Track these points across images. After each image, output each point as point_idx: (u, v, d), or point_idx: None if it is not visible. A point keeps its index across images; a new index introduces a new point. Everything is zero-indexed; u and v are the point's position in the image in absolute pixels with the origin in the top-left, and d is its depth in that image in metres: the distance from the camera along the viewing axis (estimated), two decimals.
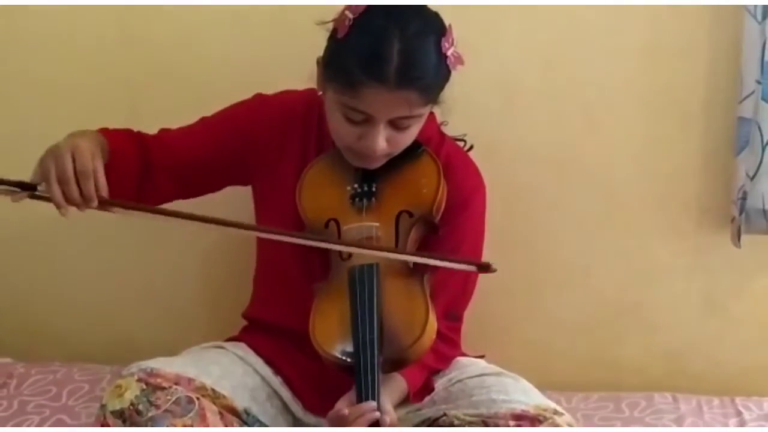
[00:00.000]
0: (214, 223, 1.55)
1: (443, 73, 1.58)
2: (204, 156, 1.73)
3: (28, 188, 1.48)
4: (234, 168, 1.76)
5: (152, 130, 1.84)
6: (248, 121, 1.75)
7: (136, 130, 1.75)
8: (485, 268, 1.56)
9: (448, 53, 1.56)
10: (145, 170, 1.70)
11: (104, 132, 1.65)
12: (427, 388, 1.68)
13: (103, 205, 1.49)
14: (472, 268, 1.59)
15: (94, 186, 1.47)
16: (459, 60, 1.58)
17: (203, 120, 1.78)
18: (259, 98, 1.78)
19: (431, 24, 1.57)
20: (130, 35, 2.00)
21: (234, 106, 1.78)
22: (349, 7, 1.56)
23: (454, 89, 1.63)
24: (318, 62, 1.62)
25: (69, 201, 1.47)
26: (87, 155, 1.47)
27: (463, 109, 1.73)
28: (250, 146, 1.74)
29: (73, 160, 1.46)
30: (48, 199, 1.48)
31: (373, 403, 1.47)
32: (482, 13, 1.91)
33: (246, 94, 1.79)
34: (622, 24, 1.92)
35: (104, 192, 1.49)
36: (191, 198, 1.79)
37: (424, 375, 1.67)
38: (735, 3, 1.86)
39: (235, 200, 1.84)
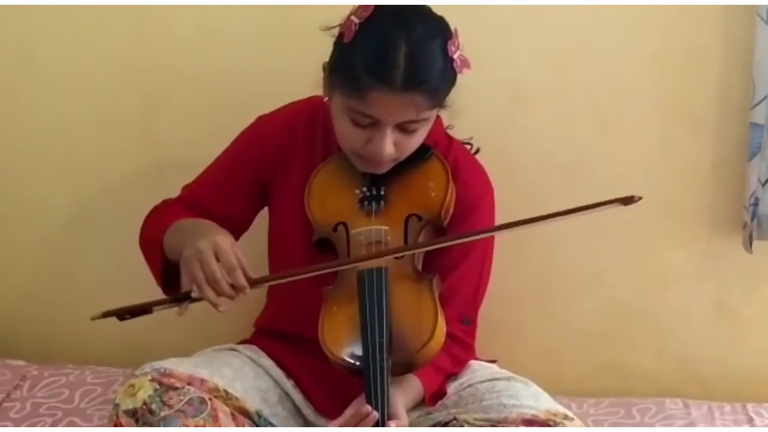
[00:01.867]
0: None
1: (449, 77, 1.58)
2: (231, 206, 1.75)
3: (184, 298, 1.52)
4: (256, 198, 1.78)
5: (164, 133, 1.85)
6: (254, 146, 1.77)
7: (174, 197, 1.78)
8: (629, 200, 1.47)
9: (455, 56, 1.57)
10: None
11: (176, 214, 1.68)
12: (441, 392, 1.68)
13: (254, 286, 1.52)
14: (617, 204, 1.48)
15: (242, 275, 1.49)
16: (465, 63, 1.58)
17: (218, 166, 1.78)
18: (259, 121, 1.79)
19: (437, 28, 1.58)
20: (145, 38, 2.01)
21: (239, 139, 1.79)
22: (354, 12, 1.57)
23: (466, 94, 1.63)
24: (324, 68, 1.63)
25: (222, 296, 1.49)
26: (228, 249, 1.50)
27: (474, 113, 1.73)
28: (260, 171, 1.75)
29: (217, 258, 1.49)
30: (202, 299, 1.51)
31: (368, 407, 1.47)
32: (494, 18, 1.91)
33: (258, 99, 1.81)
34: (634, 29, 1.92)
35: (251, 274, 1.52)
36: None
37: (440, 378, 1.68)
38: (748, 3, 1.85)
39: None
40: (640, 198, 1.46)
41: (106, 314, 1.54)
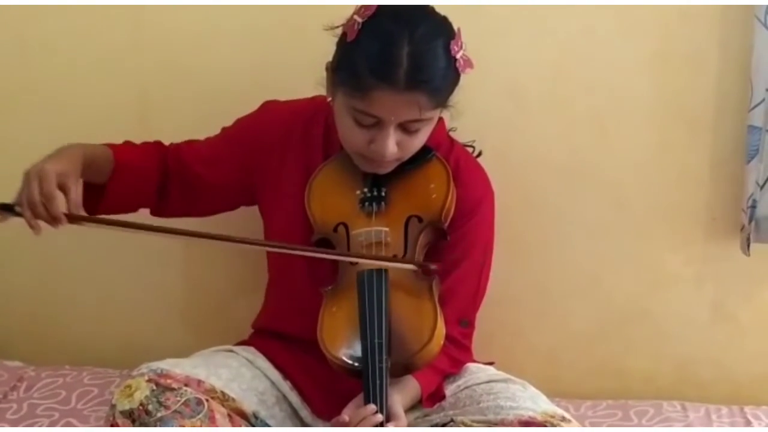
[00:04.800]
0: (190, 236, 1.60)
1: (453, 76, 1.58)
2: (217, 174, 1.75)
3: (7, 209, 1.52)
4: (244, 179, 1.77)
5: (162, 133, 1.84)
6: (255, 128, 1.77)
7: (167, 143, 1.79)
8: (426, 268, 1.56)
9: (458, 56, 1.57)
10: (163, 185, 1.73)
11: (119, 146, 1.69)
12: (439, 394, 1.68)
13: (73, 221, 1.51)
14: (412, 267, 1.58)
15: (59, 206, 1.48)
16: (468, 63, 1.59)
17: (216, 136, 1.80)
18: (266, 105, 1.80)
19: (440, 27, 1.58)
20: (143, 36, 2.01)
21: (245, 117, 1.80)
22: (357, 12, 1.57)
23: (465, 95, 1.63)
24: (327, 67, 1.63)
25: (38, 218, 1.49)
26: (51, 177, 1.49)
27: (473, 115, 1.73)
28: (257, 152, 1.75)
29: (40, 185, 1.49)
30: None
31: (373, 406, 1.47)
32: (492, 20, 1.91)
33: (256, 99, 1.81)
34: (633, 31, 1.93)
35: (76, 209, 1.51)
36: (203, 216, 1.81)
37: (437, 379, 1.68)
38: (745, 4, 1.86)
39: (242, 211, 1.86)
40: (436, 270, 1.57)
41: None
